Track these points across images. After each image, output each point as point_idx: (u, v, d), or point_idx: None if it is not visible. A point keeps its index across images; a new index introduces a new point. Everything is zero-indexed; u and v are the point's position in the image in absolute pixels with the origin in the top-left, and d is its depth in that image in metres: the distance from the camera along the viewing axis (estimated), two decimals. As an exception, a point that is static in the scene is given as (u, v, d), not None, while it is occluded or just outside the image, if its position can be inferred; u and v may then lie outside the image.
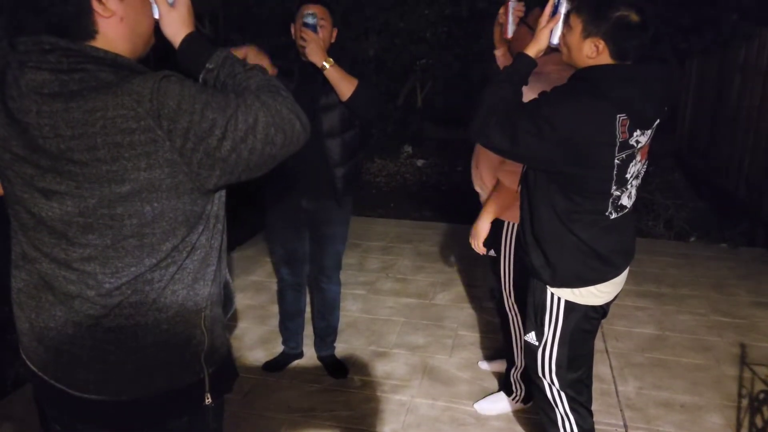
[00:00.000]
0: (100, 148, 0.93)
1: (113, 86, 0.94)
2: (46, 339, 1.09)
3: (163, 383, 1.10)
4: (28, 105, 0.96)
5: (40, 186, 0.99)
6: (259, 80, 1.08)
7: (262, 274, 4.15)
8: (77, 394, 1.08)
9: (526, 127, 1.61)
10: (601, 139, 1.62)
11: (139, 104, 0.93)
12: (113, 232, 1.00)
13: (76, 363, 1.07)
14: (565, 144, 1.60)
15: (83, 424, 1.15)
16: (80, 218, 0.99)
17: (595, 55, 1.65)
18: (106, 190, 0.96)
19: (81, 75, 0.95)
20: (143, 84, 0.94)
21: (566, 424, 1.99)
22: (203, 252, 1.10)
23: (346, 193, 2.59)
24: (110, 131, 0.93)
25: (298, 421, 2.53)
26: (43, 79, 0.96)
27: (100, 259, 1.01)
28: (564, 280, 1.82)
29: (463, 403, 2.66)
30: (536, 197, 1.79)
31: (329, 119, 2.42)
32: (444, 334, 3.31)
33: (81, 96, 0.93)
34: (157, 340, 1.07)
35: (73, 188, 0.97)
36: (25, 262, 1.08)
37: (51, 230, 1.02)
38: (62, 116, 0.93)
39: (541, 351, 1.95)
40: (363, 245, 4.69)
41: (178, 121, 0.94)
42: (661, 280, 4.02)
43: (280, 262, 2.81)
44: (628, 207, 1.80)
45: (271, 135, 1.01)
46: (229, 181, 1.04)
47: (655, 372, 2.91)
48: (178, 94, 0.95)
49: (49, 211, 1.00)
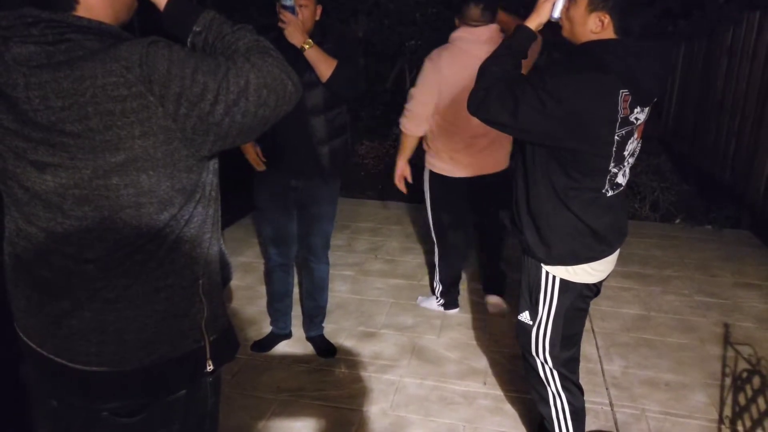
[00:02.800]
0: (92, 117, 0.92)
1: (100, 53, 0.92)
2: (45, 314, 1.07)
3: (164, 351, 1.10)
4: (15, 78, 0.94)
5: (32, 159, 0.98)
6: (248, 41, 1.06)
7: (251, 255, 4.13)
8: (78, 366, 1.07)
9: (527, 100, 1.60)
10: (603, 114, 1.61)
11: (128, 70, 0.91)
12: (110, 203, 0.98)
13: (76, 335, 1.06)
14: (567, 118, 1.59)
15: (82, 398, 1.13)
16: (75, 190, 0.98)
17: (600, 29, 1.64)
18: (101, 160, 0.95)
19: (67, 45, 0.94)
20: (131, 50, 0.92)
21: (557, 402, 2.02)
22: (200, 220, 1.09)
23: (333, 172, 2.58)
24: (101, 99, 0.91)
25: (287, 401, 2.54)
26: (29, 52, 0.94)
27: (98, 231, 1.00)
28: (559, 257, 1.82)
29: (451, 382, 2.68)
30: (534, 174, 1.78)
31: (312, 97, 2.41)
32: (432, 314, 3.32)
33: (68, 65, 0.91)
34: (156, 308, 1.07)
35: (67, 159, 0.96)
36: (20, 238, 1.07)
37: (46, 204, 1.00)
38: (51, 87, 0.92)
39: (536, 330, 1.96)
40: (351, 227, 4.68)
41: (169, 87, 0.93)
42: (646, 262, 4.06)
43: (268, 242, 2.80)
44: (623, 185, 1.82)
45: (263, 96, 0.99)
46: (224, 146, 1.03)
47: (640, 351, 2.95)
48: (168, 59, 0.93)
49: (43, 185, 0.99)
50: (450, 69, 2.69)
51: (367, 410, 2.49)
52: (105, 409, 1.13)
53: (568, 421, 2.02)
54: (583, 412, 2.06)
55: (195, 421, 1.21)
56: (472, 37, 2.68)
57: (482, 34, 2.66)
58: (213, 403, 1.24)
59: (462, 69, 2.62)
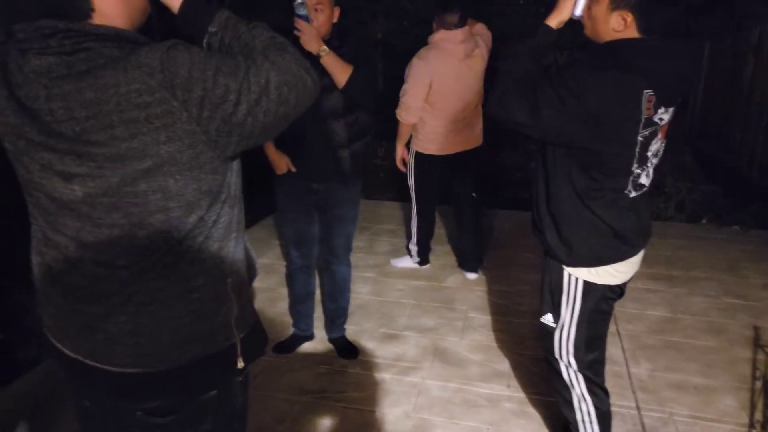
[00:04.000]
0: (117, 126, 0.92)
1: (121, 61, 0.91)
2: (78, 320, 1.08)
3: (197, 350, 1.10)
4: (35, 91, 0.94)
5: (59, 170, 0.98)
6: (264, 38, 1.06)
7: (272, 256, 4.15)
8: (114, 369, 1.08)
9: (548, 99, 1.57)
10: (626, 115, 1.58)
11: (150, 77, 0.91)
12: (138, 209, 0.99)
13: (112, 339, 1.06)
14: (589, 118, 1.56)
15: (117, 399, 1.15)
16: (104, 198, 0.98)
17: (622, 28, 1.60)
18: (128, 167, 0.95)
19: (86, 54, 0.93)
20: (152, 55, 0.92)
21: (583, 405, 1.98)
22: (226, 220, 1.10)
23: (354, 175, 2.57)
24: (125, 107, 0.91)
25: (310, 402, 2.53)
26: (49, 64, 0.93)
27: (128, 237, 1.00)
28: (580, 258, 1.79)
29: (474, 384, 2.66)
30: (554, 175, 1.76)
31: (332, 100, 2.40)
32: (454, 316, 3.30)
33: (90, 74, 0.91)
34: (188, 308, 1.07)
35: (94, 169, 0.95)
36: (49, 247, 1.07)
37: (75, 213, 1.01)
38: (75, 97, 0.91)
39: (558, 332, 1.93)
40: (372, 228, 4.67)
41: (192, 90, 0.92)
42: (672, 263, 3.99)
43: (290, 244, 2.80)
44: (646, 186, 1.78)
45: (284, 94, 0.99)
46: (248, 145, 1.03)
47: (667, 354, 2.89)
48: (188, 63, 0.93)
49: (71, 195, 0.99)
50: (438, 66, 3.22)
51: (390, 412, 2.47)
52: (139, 409, 1.14)
53: (594, 425, 1.99)
54: (609, 416, 2.02)
55: (225, 422, 1.21)
56: (451, 38, 3.22)
57: (458, 35, 3.22)
58: (242, 404, 1.25)
59: (446, 65, 3.22)
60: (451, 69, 3.23)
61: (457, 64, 3.25)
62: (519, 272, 3.80)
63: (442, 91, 3.28)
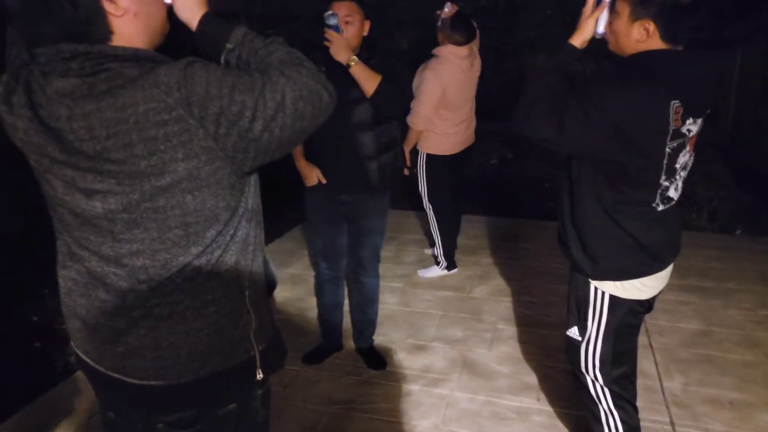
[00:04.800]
0: (135, 144, 0.94)
1: (139, 80, 0.93)
2: (101, 333, 1.11)
3: (217, 362, 1.12)
4: (57, 111, 0.96)
5: (81, 186, 1.01)
6: (280, 54, 1.07)
7: (300, 266, 4.18)
8: (135, 381, 1.10)
9: (573, 114, 1.56)
10: (653, 126, 1.56)
11: (168, 95, 0.93)
12: (158, 224, 1.01)
13: (133, 352, 1.09)
14: (615, 131, 1.55)
15: (139, 411, 1.17)
16: (124, 214, 1.00)
17: (645, 38, 1.59)
18: (147, 184, 0.97)
19: (107, 74, 0.95)
20: (169, 74, 0.93)
21: (611, 420, 1.96)
22: (244, 233, 1.11)
23: (382, 187, 2.59)
24: (144, 126, 0.93)
25: (338, 413, 2.54)
26: (71, 85, 0.96)
27: (148, 252, 1.03)
28: (606, 272, 1.78)
29: (504, 397, 2.64)
30: (580, 189, 1.74)
31: (360, 113, 2.42)
32: (483, 327, 3.28)
33: (110, 95, 0.93)
34: (206, 322, 1.09)
35: (115, 186, 0.98)
36: (74, 261, 1.10)
37: (96, 228, 1.03)
38: (96, 117, 0.94)
39: (585, 346, 1.91)
40: (399, 238, 4.68)
41: (208, 108, 0.94)
42: (705, 274, 3.91)
43: (318, 255, 2.82)
44: (675, 199, 1.75)
45: (300, 109, 1.00)
46: (264, 160, 1.04)
47: (701, 368, 2.84)
48: (205, 80, 0.94)
49: (92, 210, 1.01)
50: (448, 78, 3.54)
51: (419, 425, 2.47)
52: (160, 421, 1.16)
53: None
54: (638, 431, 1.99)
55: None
56: (458, 53, 3.56)
57: (465, 50, 3.58)
58: (263, 417, 1.26)
59: (455, 77, 3.57)
60: (459, 80, 3.59)
61: (463, 76, 3.62)
62: (548, 283, 3.77)
63: (450, 99, 3.60)
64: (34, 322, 3.21)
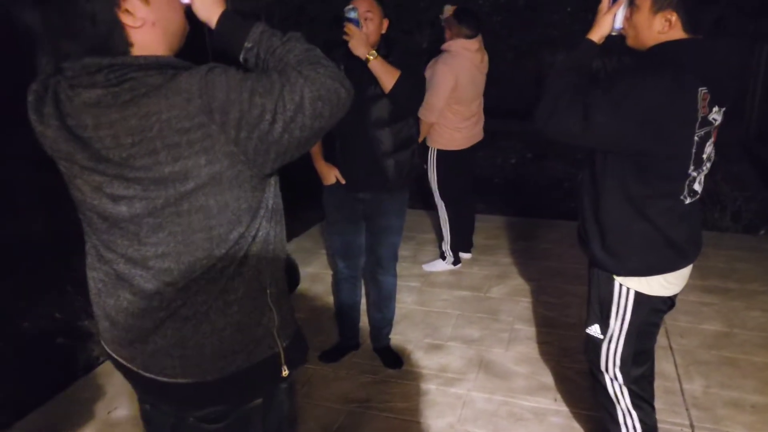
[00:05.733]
0: (160, 152, 0.96)
1: (162, 88, 0.95)
2: (130, 333, 1.13)
3: (241, 360, 1.14)
4: (84, 120, 0.99)
5: (108, 192, 1.03)
6: (298, 52, 1.08)
7: (319, 265, 4.20)
8: (164, 379, 1.13)
9: (601, 106, 1.55)
10: (682, 113, 1.56)
11: (189, 102, 0.94)
12: (182, 228, 1.03)
13: (160, 352, 1.11)
14: (645, 119, 1.54)
15: (170, 405, 1.23)
16: (149, 218, 1.02)
17: (668, 29, 1.59)
18: (171, 189, 0.99)
19: (130, 84, 0.97)
20: (191, 81, 0.95)
21: (629, 421, 1.94)
22: (264, 233, 1.13)
23: (399, 184, 2.59)
24: (167, 133, 0.95)
25: (355, 411, 2.55)
26: (97, 96, 0.98)
27: (173, 255, 1.05)
28: (632, 268, 1.76)
29: (520, 398, 2.63)
30: (604, 183, 1.73)
31: (378, 110, 2.43)
32: (500, 327, 3.27)
33: (134, 103, 0.95)
34: (230, 321, 1.11)
35: (140, 191, 1.00)
36: (102, 263, 1.13)
37: (123, 232, 1.06)
38: (121, 125, 0.96)
39: (606, 344, 1.90)
40: (417, 238, 4.68)
41: (229, 113, 0.95)
42: (727, 275, 3.85)
43: (336, 254, 2.84)
44: (699, 193, 1.75)
45: (318, 109, 1.01)
46: (285, 161, 1.05)
47: (722, 370, 2.80)
48: (226, 86, 0.96)
49: (119, 215, 1.04)
50: (460, 72, 3.59)
51: (435, 424, 2.47)
52: (191, 415, 1.20)
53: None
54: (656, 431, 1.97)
55: (273, 427, 1.25)
56: (469, 47, 3.64)
57: (475, 44, 3.67)
58: (289, 408, 1.29)
59: (467, 70, 3.63)
60: (470, 74, 3.66)
61: (474, 70, 3.69)
62: (566, 283, 3.74)
63: (462, 93, 3.66)
64: (57, 318, 3.27)
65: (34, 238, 3.48)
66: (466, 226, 4.19)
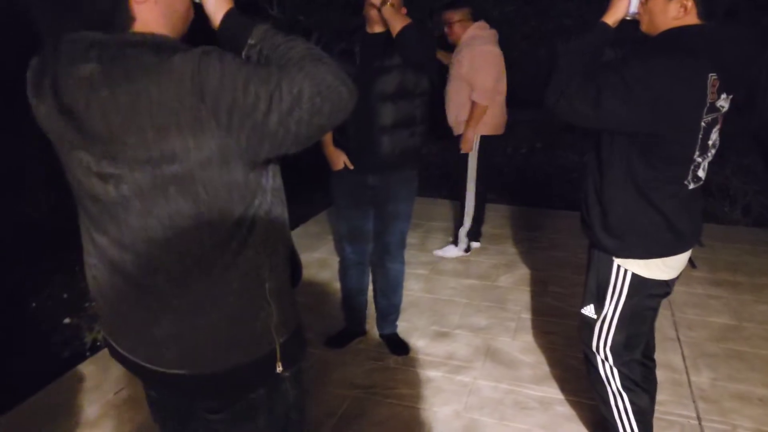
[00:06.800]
0: (147, 131, 0.94)
1: (155, 67, 0.93)
2: (128, 323, 1.13)
3: (238, 356, 1.12)
4: (77, 96, 0.97)
5: (96, 171, 1.01)
6: (301, 50, 1.05)
7: (325, 251, 4.19)
8: (163, 370, 1.12)
9: (613, 87, 1.56)
10: (692, 98, 1.56)
11: (181, 83, 0.92)
12: (169, 213, 1.00)
13: (158, 343, 1.10)
14: (656, 102, 1.54)
15: (173, 394, 1.23)
16: (136, 201, 1.00)
17: (683, 14, 1.59)
18: (158, 171, 0.97)
19: (123, 61, 0.95)
20: (184, 63, 0.93)
21: (619, 402, 1.95)
22: (262, 225, 1.09)
23: (404, 162, 2.56)
24: (156, 113, 0.93)
25: (361, 397, 2.56)
26: (90, 71, 0.96)
27: (162, 242, 1.03)
28: (632, 250, 1.78)
29: (526, 386, 2.62)
30: (611, 165, 1.74)
31: (382, 83, 2.42)
32: (507, 316, 3.26)
33: (126, 81, 0.93)
34: (225, 313, 1.08)
35: (127, 171, 0.98)
36: (96, 250, 1.11)
37: (112, 216, 1.04)
38: (111, 102, 0.94)
39: (599, 324, 1.91)
40: (425, 225, 4.66)
41: (221, 98, 0.93)
42: (736, 269, 3.82)
43: (343, 239, 2.83)
44: (702, 180, 1.76)
45: (317, 105, 0.97)
46: (279, 153, 1.02)
47: (730, 363, 2.78)
48: (219, 71, 0.93)
49: (107, 196, 1.02)
50: (498, 49, 3.71)
51: (440, 411, 2.47)
52: (195, 406, 1.21)
53: (632, 422, 1.95)
54: (649, 415, 1.98)
55: (280, 413, 1.24)
56: (484, 26, 3.75)
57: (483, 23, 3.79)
58: (295, 395, 1.26)
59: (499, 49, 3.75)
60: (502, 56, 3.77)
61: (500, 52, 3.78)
62: (574, 273, 3.73)
63: (502, 75, 3.76)
64: (64, 299, 3.28)
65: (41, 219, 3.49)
66: (480, 214, 4.21)
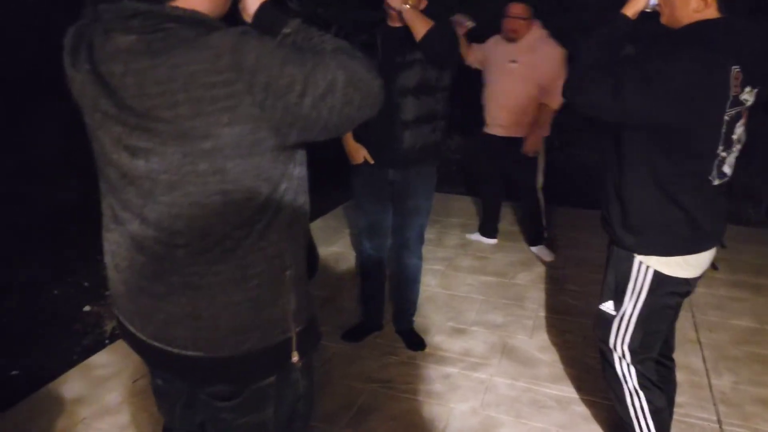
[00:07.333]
0: (181, 104, 0.94)
1: (194, 41, 0.94)
2: (142, 300, 1.12)
3: (255, 340, 1.12)
4: (114, 66, 0.98)
5: (126, 143, 1.01)
6: (333, 43, 1.07)
7: (343, 245, 4.20)
8: (175, 351, 1.12)
9: (631, 79, 1.54)
10: (714, 91, 1.54)
11: (219, 58, 0.92)
12: (197, 189, 1.00)
13: (173, 321, 1.10)
14: (676, 95, 1.52)
15: (182, 379, 1.22)
16: (165, 175, 1.00)
17: (703, 7, 1.58)
18: (189, 146, 0.97)
19: (164, 33, 0.96)
20: (223, 39, 0.94)
21: (635, 400, 1.93)
22: (288, 210, 1.10)
23: (424, 158, 2.55)
24: (191, 86, 0.93)
25: (377, 391, 2.55)
26: (129, 41, 0.97)
27: (186, 217, 1.03)
28: (653, 246, 1.75)
29: (544, 385, 2.61)
30: (631, 161, 1.71)
31: (404, 77, 2.40)
32: (524, 314, 3.24)
33: (165, 53, 0.94)
34: (247, 296, 1.09)
35: (158, 145, 0.98)
36: (117, 224, 1.11)
37: (139, 189, 1.04)
38: (149, 74, 0.95)
39: (618, 321, 1.89)
40: (442, 221, 4.65)
41: (257, 76, 0.93)
42: (760, 271, 3.76)
43: (362, 234, 2.83)
44: (728, 176, 1.72)
45: (349, 94, 0.98)
46: (307, 139, 1.03)
47: (752, 367, 2.74)
48: (257, 49, 0.94)
49: (135, 170, 1.02)
50: None
51: (457, 407, 2.46)
52: (203, 392, 1.19)
53: (649, 422, 1.92)
54: (666, 416, 1.96)
55: (288, 403, 1.24)
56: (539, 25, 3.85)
57: None
58: (305, 386, 1.26)
59: None
60: None
61: None
62: (592, 272, 3.69)
63: None
64: (86, 287, 3.31)
65: (63, 208, 3.52)
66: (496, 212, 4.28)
